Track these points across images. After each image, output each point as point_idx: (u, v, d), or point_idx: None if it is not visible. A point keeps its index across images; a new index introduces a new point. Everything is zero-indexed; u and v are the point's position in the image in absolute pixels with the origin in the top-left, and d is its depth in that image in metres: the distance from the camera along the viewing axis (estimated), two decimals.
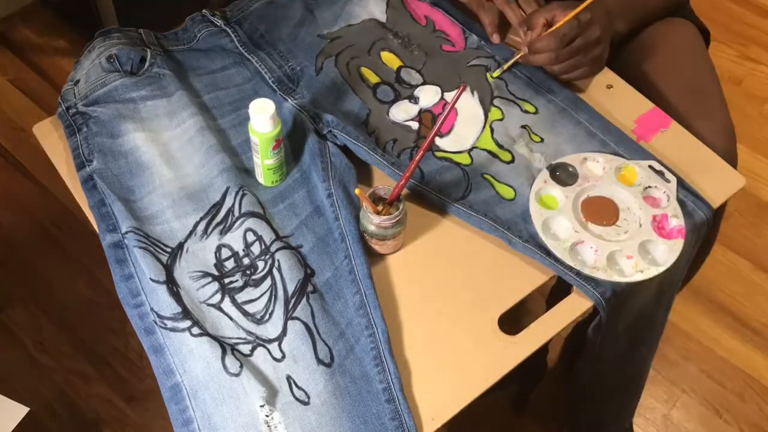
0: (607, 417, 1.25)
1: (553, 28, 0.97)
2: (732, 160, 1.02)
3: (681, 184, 0.94)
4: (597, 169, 0.95)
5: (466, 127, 0.99)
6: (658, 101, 1.05)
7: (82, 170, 0.93)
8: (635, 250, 0.88)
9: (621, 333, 0.97)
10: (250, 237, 0.88)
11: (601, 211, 0.92)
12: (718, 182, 0.97)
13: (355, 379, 0.80)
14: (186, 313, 0.82)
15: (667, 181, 0.94)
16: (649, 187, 0.93)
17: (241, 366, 0.79)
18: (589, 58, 0.98)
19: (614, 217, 0.91)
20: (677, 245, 0.89)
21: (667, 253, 0.88)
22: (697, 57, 1.13)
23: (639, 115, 1.03)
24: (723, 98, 1.09)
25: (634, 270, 0.87)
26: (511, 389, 1.42)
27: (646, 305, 0.97)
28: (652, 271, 0.87)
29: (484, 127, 1.00)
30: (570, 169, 0.95)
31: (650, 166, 0.95)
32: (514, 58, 1.03)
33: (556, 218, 0.91)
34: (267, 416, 0.77)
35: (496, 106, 1.01)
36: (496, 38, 1.07)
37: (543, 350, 0.85)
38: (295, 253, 0.87)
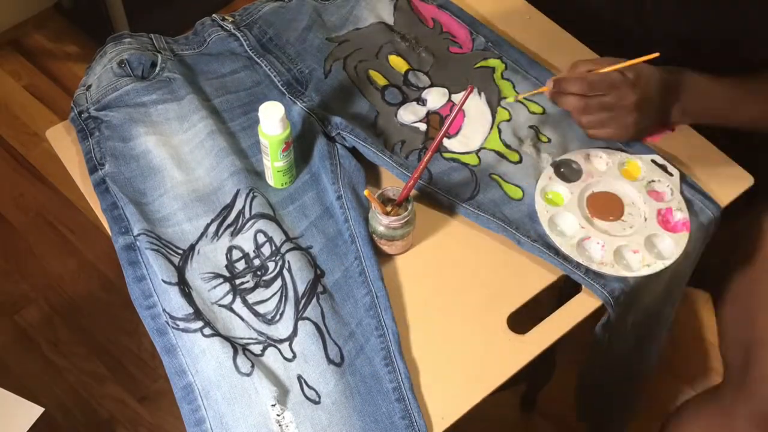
0: (615, 406, 1.26)
1: (588, 72, 0.91)
2: None
3: (688, 183, 0.95)
4: (600, 165, 0.96)
5: (474, 128, 1.00)
6: None
7: (95, 174, 0.94)
8: (641, 245, 0.88)
9: (629, 330, 0.97)
10: (261, 238, 0.89)
11: (606, 207, 0.92)
12: (725, 181, 0.97)
13: (365, 379, 0.81)
14: (198, 314, 0.83)
15: (670, 174, 0.94)
16: (653, 181, 0.94)
17: (253, 366, 0.80)
18: (618, 120, 0.92)
19: (619, 212, 0.92)
20: (683, 238, 0.89)
21: (672, 246, 0.89)
22: None
23: None
24: None
25: (640, 264, 0.87)
26: (520, 388, 1.43)
27: (654, 302, 0.97)
28: (659, 265, 0.87)
29: (491, 127, 1.00)
30: (574, 166, 0.95)
31: (652, 160, 0.95)
32: (535, 91, 1.00)
33: (563, 214, 0.91)
34: (278, 415, 0.78)
35: (503, 107, 1.02)
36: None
37: (552, 349, 0.85)
38: (305, 254, 0.88)
